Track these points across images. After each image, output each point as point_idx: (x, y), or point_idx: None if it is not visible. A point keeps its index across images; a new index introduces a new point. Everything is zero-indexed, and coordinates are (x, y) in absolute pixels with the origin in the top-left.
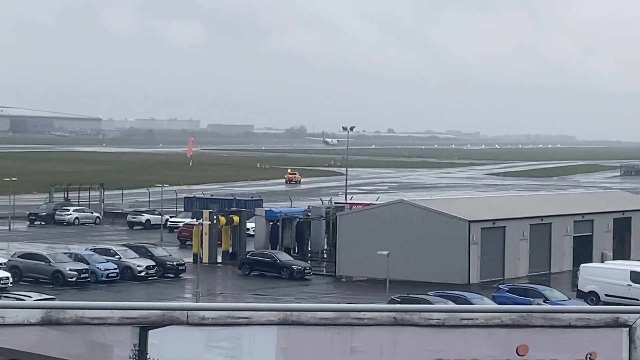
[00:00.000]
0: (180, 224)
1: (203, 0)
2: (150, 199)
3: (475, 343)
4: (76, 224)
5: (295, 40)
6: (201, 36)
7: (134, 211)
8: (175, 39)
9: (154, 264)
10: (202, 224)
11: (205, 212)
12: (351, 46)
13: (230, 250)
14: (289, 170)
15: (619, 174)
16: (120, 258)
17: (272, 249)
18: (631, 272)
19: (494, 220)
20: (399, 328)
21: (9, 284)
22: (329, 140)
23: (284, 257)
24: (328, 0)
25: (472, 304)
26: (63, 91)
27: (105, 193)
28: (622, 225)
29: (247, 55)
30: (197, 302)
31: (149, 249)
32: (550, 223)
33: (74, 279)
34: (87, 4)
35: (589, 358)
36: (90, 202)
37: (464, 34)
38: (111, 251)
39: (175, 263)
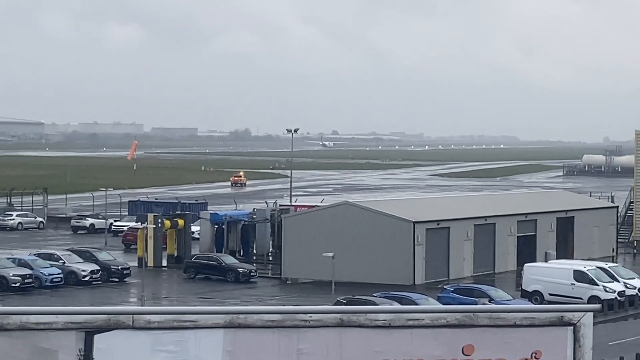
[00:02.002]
0: (125, 228)
1: (141, 3)
2: (94, 203)
3: (421, 343)
4: (19, 229)
5: (237, 43)
6: (141, 39)
7: (77, 215)
8: (115, 42)
9: (99, 268)
10: (146, 227)
11: (150, 216)
12: (293, 48)
13: (175, 254)
14: (241, 173)
15: (561, 173)
16: (64, 263)
17: (217, 252)
18: (574, 271)
19: (438, 221)
20: (345, 329)
21: None
22: (326, 143)
23: (229, 260)
24: (268, 2)
25: (417, 304)
26: (4, 95)
27: (49, 198)
28: (565, 224)
29: (189, 58)
30: (142, 306)
31: (94, 253)
32: (494, 223)
33: (17, 284)
34: (22, 6)
35: (534, 357)
36: (34, 207)
37: (405, 35)
38: (55, 256)
39: (120, 267)
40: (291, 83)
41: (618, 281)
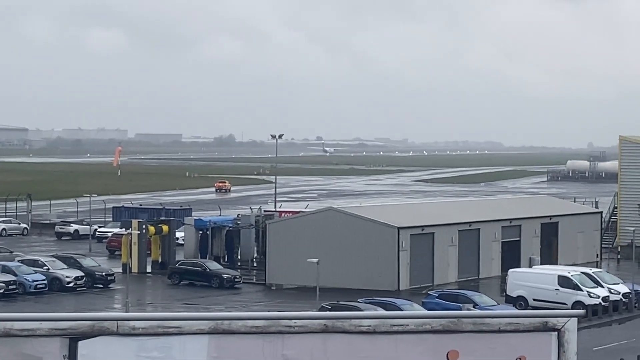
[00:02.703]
0: (109, 234)
1: (125, 9)
2: (79, 209)
3: (406, 349)
4: (3, 235)
5: (221, 48)
6: (126, 45)
7: (62, 221)
8: (99, 48)
9: (83, 274)
10: (131, 233)
11: (134, 222)
12: (277, 54)
13: (160, 260)
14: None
15: (545, 179)
16: (48, 269)
17: (201, 258)
18: (559, 276)
19: (422, 227)
20: (330, 335)
21: None
22: (327, 149)
23: (213, 266)
24: (253, 8)
25: (402, 310)
26: None
27: (33, 204)
28: (549, 230)
29: (174, 63)
30: (126, 312)
31: (78, 259)
32: (479, 229)
33: (1, 291)
34: (4, 12)
35: None
36: (18, 213)
37: (389, 41)
38: (39, 262)
39: (104, 273)
40: (275, 89)
41: (602, 286)
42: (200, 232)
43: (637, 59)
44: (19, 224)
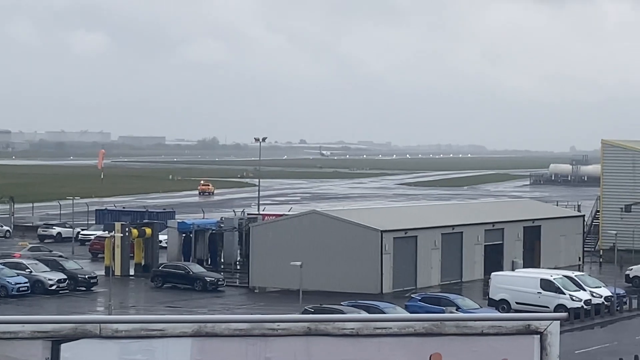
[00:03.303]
0: (92, 237)
1: (108, 11)
2: (62, 212)
3: (389, 352)
4: None
5: (205, 51)
6: (109, 47)
7: (44, 224)
8: (82, 50)
9: (66, 277)
10: (114, 236)
11: (117, 225)
12: (261, 57)
13: (143, 263)
14: (201, 182)
15: (528, 183)
16: (31, 272)
17: (184, 260)
18: (541, 279)
19: (405, 230)
20: (313, 338)
21: None
22: (324, 152)
23: (196, 268)
24: (237, 12)
25: (385, 313)
26: None
27: (16, 206)
28: (532, 233)
29: (157, 66)
30: (109, 315)
31: (61, 262)
32: (462, 232)
33: None
34: None
35: None
36: (0, 216)
37: (373, 44)
38: (22, 265)
39: (87, 276)
40: (259, 92)
41: (584, 290)
42: (184, 235)
43: (619, 64)
44: (1, 226)
